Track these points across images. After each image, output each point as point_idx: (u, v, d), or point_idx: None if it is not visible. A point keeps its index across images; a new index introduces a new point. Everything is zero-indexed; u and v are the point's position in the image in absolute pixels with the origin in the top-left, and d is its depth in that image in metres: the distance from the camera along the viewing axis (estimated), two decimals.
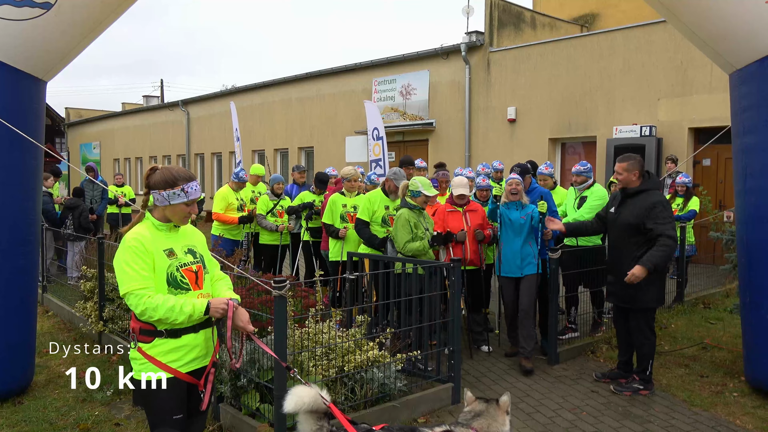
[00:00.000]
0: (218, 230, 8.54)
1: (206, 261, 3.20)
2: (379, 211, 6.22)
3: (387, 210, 6.26)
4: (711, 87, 11.14)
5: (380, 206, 6.24)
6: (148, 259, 2.94)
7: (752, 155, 4.90)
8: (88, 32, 4.98)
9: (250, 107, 21.69)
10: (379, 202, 6.26)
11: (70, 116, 34.61)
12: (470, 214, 6.23)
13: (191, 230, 3.24)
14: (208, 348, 3.16)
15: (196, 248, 3.17)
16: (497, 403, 2.72)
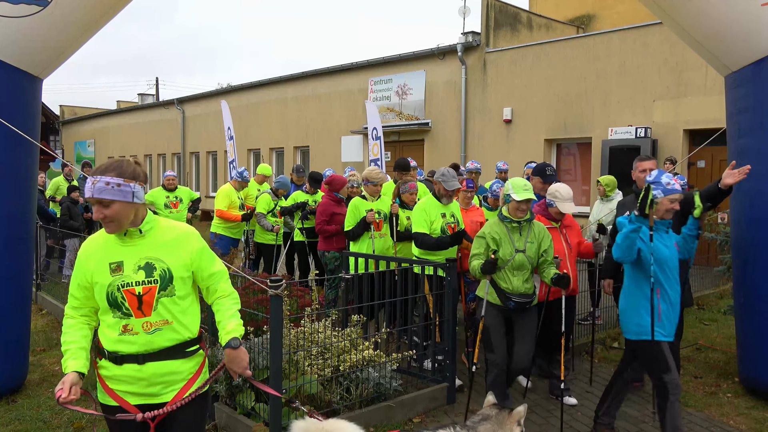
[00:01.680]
0: (218, 228, 8.54)
1: (178, 278, 2.58)
2: (437, 221, 5.38)
3: (444, 218, 5.41)
4: (706, 89, 11.18)
5: (437, 216, 5.40)
6: (81, 274, 2.56)
7: (747, 157, 4.92)
8: (84, 30, 4.97)
9: (246, 106, 21.65)
10: (435, 210, 5.42)
11: (64, 114, 34.47)
12: (567, 231, 5.09)
13: (171, 239, 2.60)
14: (169, 382, 2.59)
15: (161, 263, 2.55)
16: (510, 411, 2.70)
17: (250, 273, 5.56)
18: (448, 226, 5.40)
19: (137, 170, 2.54)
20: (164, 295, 2.55)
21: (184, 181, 24.89)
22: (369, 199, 6.37)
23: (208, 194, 24.03)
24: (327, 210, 6.92)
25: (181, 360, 2.61)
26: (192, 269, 2.65)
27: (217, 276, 2.73)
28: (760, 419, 4.71)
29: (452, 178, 5.37)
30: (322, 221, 6.90)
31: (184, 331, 2.62)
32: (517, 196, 4.33)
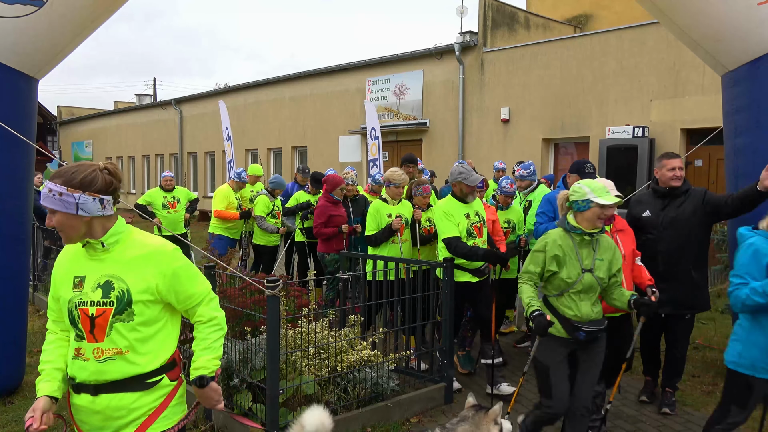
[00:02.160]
0: (217, 229, 8.53)
1: (138, 302, 2.24)
2: (462, 223, 5.01)
3: (468, 219, 5.03)
4: (703, 88, 11.19)
5: (460, 217, 5.01)
6: (53, 284, 2.38)
7: (744, 156, 4.93)
8: (80, 30, 4.96)
9: (244, 106, 21.63)
10: (458, 211, 5.03)
11: (62, 114, 34.43)
12: (620, 236, 4.37)
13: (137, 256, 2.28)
14: (125, 417, 2.27)
15: (121, 283, 2.23)
16: (486, 411, 2.71)
17: (247, 274, 5.56)
18: (474, 227, 5.06)
19: (93, 178, 2.23)
20: (120, 319, 2.22)
21: (181, 181, 24.87)
22: (390, 202, 5.97)
23: (206, 194, 24.01)
24: (324, 212, 6.85)
25: (139, 393, 2.28)
26: (161, 293, 2.29)
27: (196, 298, 2.39)
28: (757, 418, 4.70)
29: (472, 173, 4.99)
30: (319, 224, 6.84)
31: (140, 362, 2.26)
32: (603, 199, 3.39)
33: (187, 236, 8.89)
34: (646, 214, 4.81)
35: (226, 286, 5.16)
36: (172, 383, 2.39)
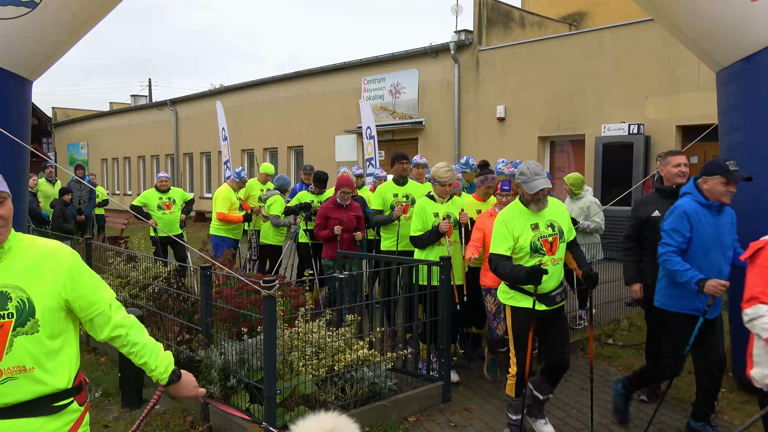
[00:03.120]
0: (219, 231, 8.49)
1: (45, 310, 2.05)
2: (525, 236, 4.03)
3: (537, 230, 4.07)
4: (698, 85, 11.21)
5: (524, 228, 4.04)
6: None
7: (739, 152, 4.94)
8: (74, 31, 4.95)
9: (239, 107, 21.60)
10: (522, 221, 4.05)
11: (57, 116, 34.34)
12: None
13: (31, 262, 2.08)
14: None
15: (19, 292, 2.03)
16: None
17: (244, 274, 5.55)
18: (544, 241, 4.03)
19: None
20: (22, 332, 2.00)
21: (177, 182, 24.82)
22: (438, 200, 5.46)
23: (202, 195, 23.98)
24: (323, 213, 6.66)
25: (45, 418, 2.05)
26: (64, 296, 2.10)
27: (100, 305, 2.18)
28: (754, 413, 4.71)
29: (535, 176, 3.98)
30: (316, 225, 6.66)
31: (49, 381, 2.05)
32: None
33: (183, 237, 8.87)
34: (655, 214, 4.70)
35: (222, 287, 5.15)
36: (80, 408, 2.19)
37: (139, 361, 2.25)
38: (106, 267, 6.68)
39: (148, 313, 5.56)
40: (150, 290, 5.79)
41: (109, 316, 2.21)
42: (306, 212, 7.77)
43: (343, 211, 6.61)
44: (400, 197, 6.39)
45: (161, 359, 2.28)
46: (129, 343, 2.24)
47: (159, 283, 5.69)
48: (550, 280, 4.01)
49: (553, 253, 4.06)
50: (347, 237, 6.62)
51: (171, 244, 8.80)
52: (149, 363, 2.26)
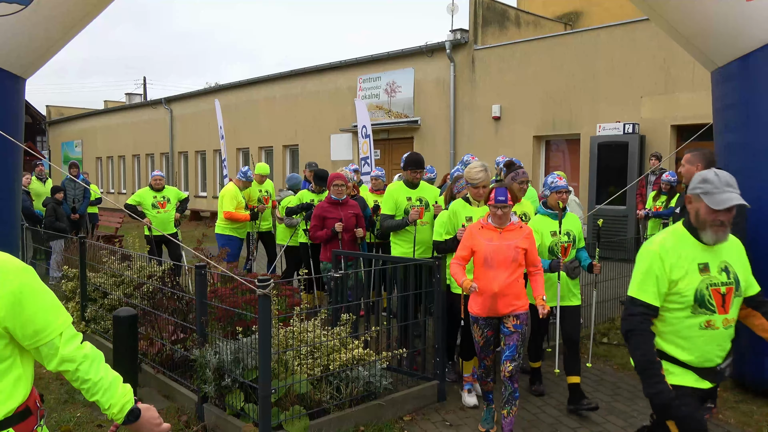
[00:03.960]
0: (226, 229, 8.45)
1: None
2: (690, 278, 2.75)
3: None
4: (693, 85, 11.24)
5: (690, 265, 2.77)
6: None
7: (734, 152, 4.95)
8: (67, 29, 4.92)
9: (235, 105, 21.55)
10: (688, 255, 2.80)
11: (51, 114, 34.19)
12: None
13: None
14: None
15: None
16: None
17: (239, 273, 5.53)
18: (714, 291, 2.77)
19: None
20: None
21: (172, 181, 24.76)
22: (473, 203, 5.03)
23: (197, 194, 23.92)
24: (319, 213, 6.25)
25: None
26: (4, 324, 1.86)
27: (46, 334, 1.92)
28: (748, 412, 4.74)
29: (726, 187, 2.80)
30: (312, 227, 6.29)
31: None
32: None
33: (177, 236, 8.84)
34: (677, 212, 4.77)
35: (217, 286, 5.13)
36: None
37: (90, 398, 2.02)
38: (100, 266, 6.65)
39: (143, 313, 5.54)
40: (144, 289, 5.77)
41: (57, 347, 1.94)
42: (307, 212, 7.44)
43: (341, 210, 6.22)
44: (413, 201, 5.81)
45: (117, 397, 2.03)
46: (79, 379, 2.00)
47: (153, 282, 5.67)
48: (716, 346, 2.80)
49: (725, 311, 2.77)
50: (348, 236, 6.24)
51: (165, 243, 8.78)
52: (102, 401, 2.02)
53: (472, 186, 4.86)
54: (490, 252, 4.06)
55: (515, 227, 4.15)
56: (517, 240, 4.10)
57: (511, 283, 4.07)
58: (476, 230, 4.20)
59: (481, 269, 4.12)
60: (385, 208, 5.89)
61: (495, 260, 4.06)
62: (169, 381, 5.08)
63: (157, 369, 5.28)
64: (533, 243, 4.21)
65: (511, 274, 4.07)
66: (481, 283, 4.08)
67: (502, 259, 4.05)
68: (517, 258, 4.08)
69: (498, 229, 4.12)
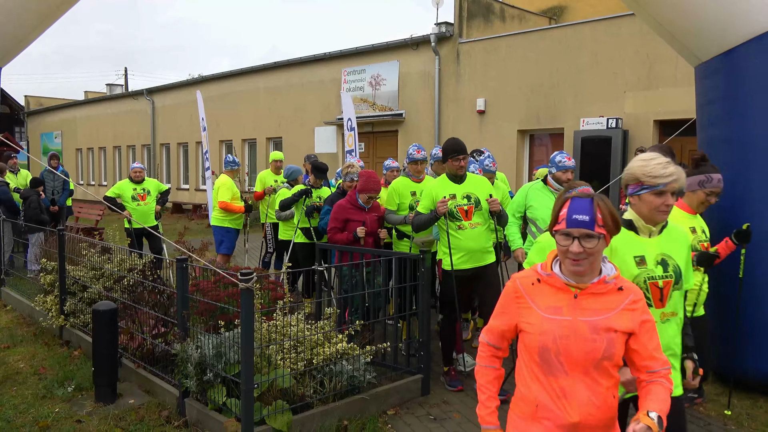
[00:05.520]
0: (224, 221, 8.35)
1: None
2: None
3: None
4: (677, 80, 11.31)
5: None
6: None
7: (718, 147, 4.98)
8: (43, 18, 4.80)
9: (218, 96, 21.34)
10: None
11: (29, 104, 33.62)
12: None
13: None
14: None
15: None
16: None
17: (220, 267, 5.47)
18: None
19: None
20: None
21: (154, 173, 24.49)
22: None
23: (179, 186, 23.69)
24: (341, 215, 5.68)
25: None
26: None
27: None
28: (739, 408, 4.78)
29: None
30: (332, 228, 5.68)
31: None
32: None
33: (158, 229, 8.73)
34: None
35: (199, 279, 5.07)
36: None
37: None
38: (80, 259, 6.55)
39: (123, 306, 5.46)
40: (125, 282, 5.68)
41: None
42: (306, 207, 6.95)
43: (365, 213, 5.71)
44: (459, 200, 4.90)
45: None
46: None
47: (134, 275, 5.59)
48: None
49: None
50: (371, 241, 5.77)
51: (146, 236, 8.67)
52: None
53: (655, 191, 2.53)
54: (557, 337, 2.09)
55: (609, 287, 2.13)
56: (615, 314, 2.11)
57: (601, 405, 2.11)
58: (525, 285, 2.21)
59: (536, 371, 2.16)
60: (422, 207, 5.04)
61: (568, 356, 2.09)
62: (150, 376, 5.02)
63: (137, 363, 5.21)
64: (649, 322, 2.16)
65: (599, 384, 2.11)
66: (542, 400, 2.14)
67: (582, 353, 2.08)
68: (611, 353, 2.08)
69: (574, 289, 2.13)
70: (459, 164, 4.85)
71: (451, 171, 4.92)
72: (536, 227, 5.33)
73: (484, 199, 4.93)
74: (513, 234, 5.48)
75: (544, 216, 5.14)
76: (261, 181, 8.70)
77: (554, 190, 5.30)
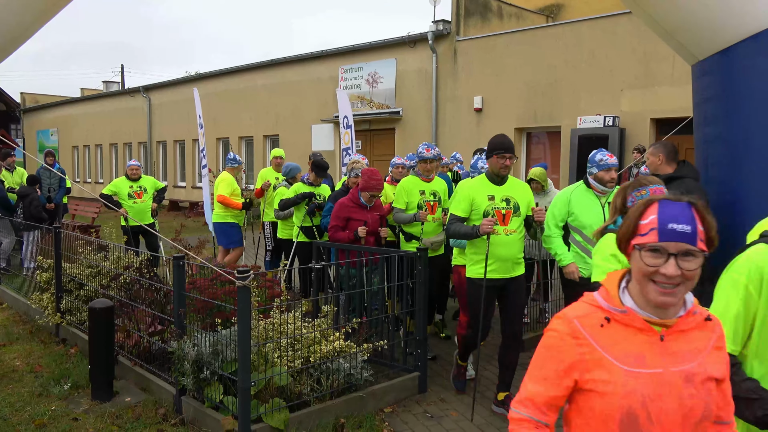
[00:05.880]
0: (227, 217, 8.38)
1: None
2: None
3: None
4: (673, 79, 11.32)
5: None
6: None
7: (714, 145, 4.98)
8: (39, 14, 4.78)
9: (215, 94, 21.30)
10: None
11: (25, 102, 33.50)
12: None
13: None
14: None
15: None
16: None
17: (217, 264, 5.46)
18: None
19: None
20: None
21: (151, 170, 24.44)
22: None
23: (175, 184, 23.64)
24: (342, 213, 5.62)
25: None
26: None
27: None
28: None
29: None
30: (333, 226, 5.61)
31: None
32: None
33: (154, 226, 8.72)
34: None
35: (196, 277, 5.06)
36: None
37: None
38: (76, 256, 6.53)
39: (120, 304, 5.45)
40: (121, 280, 5.67)
41: None
42: (307, 205, 6.85)
43: (368, 212, 5.66)
44: (498, 202, 4.47)
45: None
46: None
47: (131, 273, 5.58)
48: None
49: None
50: (372, 240, 5.73)
51: (143, 234, 8.66)
52: None
53: None
54: (647, 398, 1.55)
55: (696, 320, 1.65)
56: (707, 356, 1.63)
57: None
58: (590, 327, 1.63)
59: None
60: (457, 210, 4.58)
61: (662, 422, 1.55)
62: (147, 373, 5.01)
63: (134, 361, 5.20)
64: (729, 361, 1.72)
65: None
66: None
67: (679, 416, 1.56)
68: (710, 410, 1.60)
69: (659, 328, 1.61)
70: (504, 163, 4.43)
71: (493, 169, 4.51)
72: (582, 236, 4.75)
73: (525, 205, 4.56)
74: (559, 247, 4.83)
75: (592, 223, 4.62)
76: (262, 178, 8.72)
77: (598, 193, 4.76)
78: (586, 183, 4.82)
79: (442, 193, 5.88)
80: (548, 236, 4.83)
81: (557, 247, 4.83)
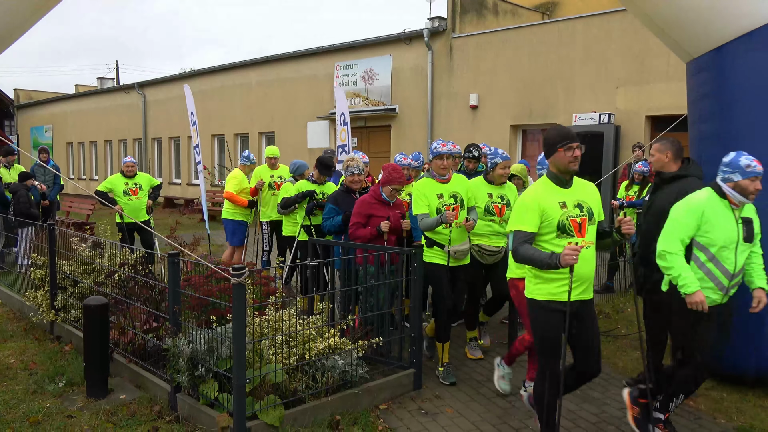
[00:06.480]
0: (236, 214, 8.42)
1: None
2: None
3: None
4: (668, 76, 11.35)
5: None
6: None
7: (708, 143, 5.01)
8: (35, 9, 4.76)
9: (210, 90, 21.25)
10: None
11: (19, 98, 33.36)
12: None
13: None
14: None
15: None
16: None
17: (212, 261, 5.45)
18: None
19: None
20: None
21: (146, 167, 24.37)
22: None
23: (171, 181, 23.59)
24: (364, 210, 5.40)
25: None
26: None
27: None
28: (719, 399, 4.82)
29: None
30: (355, 223, 5.39)
31: None
32: None
33: (150, 224, 8.70)
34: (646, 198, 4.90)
35: (191, 274, 5.05)
36: None
37: None
38: (71, 254, 6.51)
39: (114, 301, 5.44)
40: (116, 277, 5.66)
41: None
42: (310, 204, 6.73)
43: (390, 209, 5.44)
44: (572, 210, 3.56)
45: None
46: None
47: (125, 270, 5.57)
48: None
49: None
50: (394, 238, 5.52)
51: (138, 231, 8.64)
52: None
53: None
54: None
55: None
56: None
57: None
58: None
59: None
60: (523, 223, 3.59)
61: None
62: (142, 371, 5.00)
63: (129, 359, 5.19)
64: None
65: None
66: None
67: None
68: None
69: None
70: (573, 154, 3.50)
71: (561, 167, 3.57)
72: (707, 255, 3.86)
73: (598, 210, 3.66)
74: (682, 269, 3.79)
75: (724, 241, 3.80)
76: (256, 177, 8.68)
77: (734, 205, 3.84)
78: (718, 191, 3.89)
79: (463, 193, 5.16)
80: (668, 253, 3.83)
81: (681, 268, 3.79)
